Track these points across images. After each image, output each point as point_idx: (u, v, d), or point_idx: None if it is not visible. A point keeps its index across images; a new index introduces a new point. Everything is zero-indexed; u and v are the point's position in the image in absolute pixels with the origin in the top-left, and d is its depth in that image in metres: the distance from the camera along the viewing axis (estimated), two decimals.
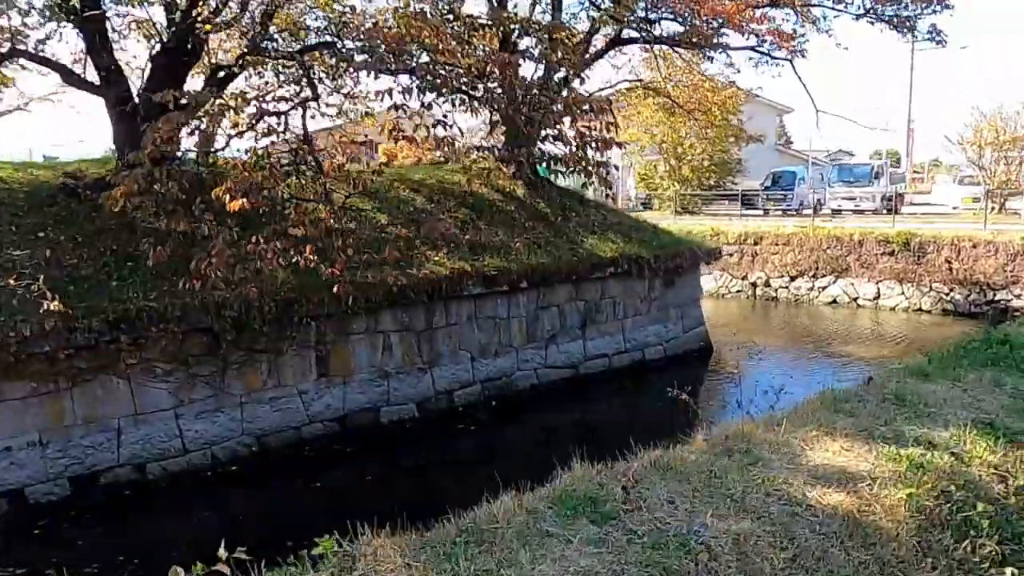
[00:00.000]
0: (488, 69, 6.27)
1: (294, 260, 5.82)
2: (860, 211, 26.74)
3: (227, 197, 5.37)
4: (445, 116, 6.81)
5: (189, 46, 9.52)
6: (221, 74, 9.82)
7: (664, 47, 14.14)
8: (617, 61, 15.48)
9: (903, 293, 18.81)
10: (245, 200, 5.40)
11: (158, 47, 9.62)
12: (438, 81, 6.16)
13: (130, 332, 7.88)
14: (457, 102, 6.58)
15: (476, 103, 6.43)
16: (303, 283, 9.20)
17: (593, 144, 7.14)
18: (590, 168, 7.49)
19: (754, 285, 21.15)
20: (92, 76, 9.62)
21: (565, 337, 12.32)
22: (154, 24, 10.06)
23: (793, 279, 20.58)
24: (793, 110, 46.62)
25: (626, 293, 13.15)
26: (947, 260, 18.27)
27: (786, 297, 20.60)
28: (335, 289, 7.12)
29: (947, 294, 18.19)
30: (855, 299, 19.46)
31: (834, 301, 19.75)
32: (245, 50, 8.76)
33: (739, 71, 24.27)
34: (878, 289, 19.16)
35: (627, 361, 13.14)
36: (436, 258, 10.75)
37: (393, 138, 6.34)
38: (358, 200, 11.22)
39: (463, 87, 6.34)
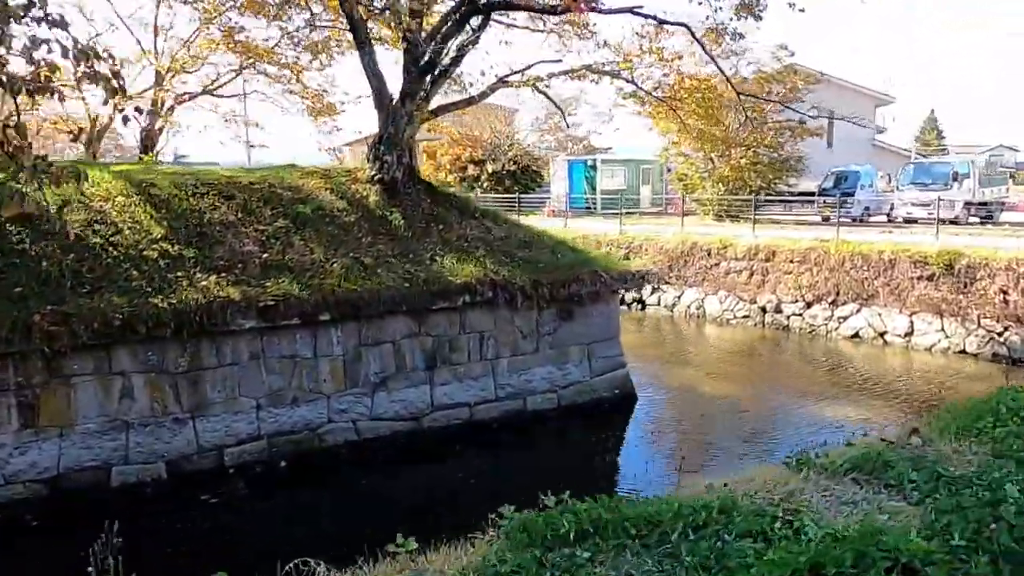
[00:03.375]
0: None
1: None
2: (938, 220, 21.91)
3: None
4: None
5: None
6: None
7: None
8: (517, 37, 12.77)
9: (942, 330, 14.65)
10: None
11: None
12: None
13: None
14: None
15: None
16: None
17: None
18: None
19: (763, 310, 17.49)
20: None
21: (402, 382, 9.89)
22: None
23: (809, 305, 16.77)
24: (894, 99, 40.43)
25: (500, 327, 10.51)
26: (1001, 289, 13.97)
27: (799, 327, 16.81)
28: None
29: (1000, 334, 13.91)
30: (882, 334, 15.45)
31: (856, 335, 15.81)
32: None
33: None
34: (911, 323, 15.08)
35: (498, 412, 10.49)
36: (205, 282, 8.71)
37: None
38: (138, 210, 9.43)
39: None
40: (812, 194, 26.59)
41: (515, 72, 12.19)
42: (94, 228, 8.98)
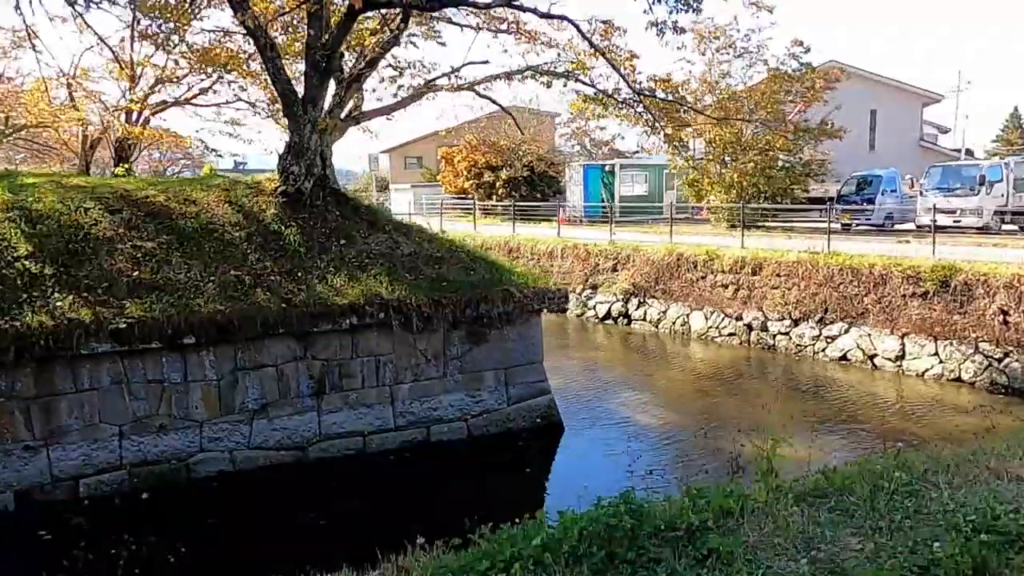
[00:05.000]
0: None
1: None
2: (962, 228, 20.05)
3: None
4: None
5: None
6: None
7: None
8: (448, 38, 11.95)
9: (936, 354, 13.08)
10: None
11: None
12: None
13: None
14: None
15: None
16: None
17: None
18: None
19: (749, 328, 16.14)
20: None
21: (286, 408, 9.25)
22: None
23: (796, 323, 15.36)
24: (943, 97, 37.73)
25: (400, 351, 9.74)
26: (1001, 309, 12.35)
27: (785, 347, 15.41)
28: None
29: (999, 360, 12.29)
30: (871, 357, 13.94)
31: (844, 357, 14.34)
32: None
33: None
34: (902, 345, 13.54)
35: (396, 442, 9.73)
36: (60, 303, 8.26)
37: None
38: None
39: None
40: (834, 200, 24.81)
41: (443, 75, 11.44)
42: None
